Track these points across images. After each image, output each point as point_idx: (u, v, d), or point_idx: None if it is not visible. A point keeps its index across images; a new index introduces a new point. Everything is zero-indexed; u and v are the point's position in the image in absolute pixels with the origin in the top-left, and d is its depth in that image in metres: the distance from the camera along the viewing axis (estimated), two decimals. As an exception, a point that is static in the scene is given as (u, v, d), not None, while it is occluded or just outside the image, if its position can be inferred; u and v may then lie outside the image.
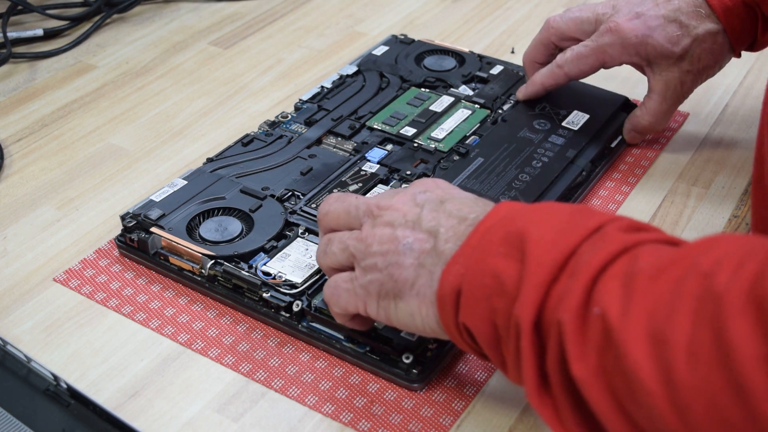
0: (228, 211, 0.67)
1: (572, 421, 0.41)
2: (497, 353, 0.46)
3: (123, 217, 0.66)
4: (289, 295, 0.60)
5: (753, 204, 0.61)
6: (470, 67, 0.85)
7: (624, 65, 0.74)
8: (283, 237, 0.65)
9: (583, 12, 0.73)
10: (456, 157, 0.72)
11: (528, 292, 0.42)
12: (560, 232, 0.43)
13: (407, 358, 0.55)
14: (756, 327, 0.34)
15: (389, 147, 0.75)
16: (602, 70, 0.74)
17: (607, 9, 0.72)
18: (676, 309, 0.36)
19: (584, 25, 0.73)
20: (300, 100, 0.81)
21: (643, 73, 0.74)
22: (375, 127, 0.77)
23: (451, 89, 0.82)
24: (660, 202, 0.71)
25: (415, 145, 0.74)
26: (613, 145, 0.76)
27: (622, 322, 0.38)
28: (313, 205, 0.67)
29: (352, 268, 0.53)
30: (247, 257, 0.62)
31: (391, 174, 0.71)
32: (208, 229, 0.65)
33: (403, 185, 0.69)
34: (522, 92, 0.78)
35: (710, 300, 0.36)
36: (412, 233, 0.50)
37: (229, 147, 0.75)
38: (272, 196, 0.68)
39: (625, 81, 0.85)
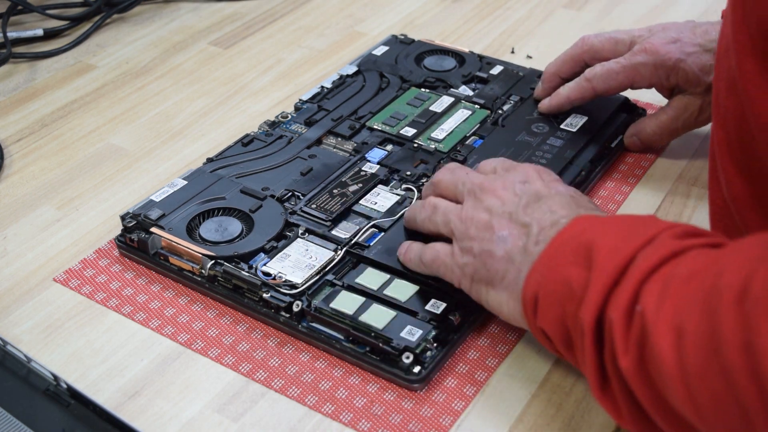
0: (228, 211, 0.67)
1: (629, 414, 0.45)
2: (571, 354, 0.50)
3: (123, 217, 0.66)
4: (289, 295, 0.60)
5: (710, 195, 0.61)
6: (470, 68, 0.85)
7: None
8: (283, 237, 0.65)
9: (619, 33, 0.73)
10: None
11: (591, 296, 0.46)
12: (622, 241, 0.47)
13: (407, 358, 0.55)
14: (738, 318, 0.38)
15: (389, 147, 0.75)
16: None
17: (644, 32, 0.72)
18: (694, 304, 0.41)
19: (619, 45, 0.72)
20: (300, 100, 0.81)
21: (667, 96, 0.74)
22: (375, 127, 0.77)
23: (451, 89, 0.82)
24: (660, 202, 0.72)
25: (415, 145, 0.74)
26: (612, 145, 0.76)
27: (655, 318, 0.42)
28: (313, 206, 0.67)
29: (446, 238, 0.58)
30: (247, 257, 0.63)
31: (391, 174, 0.71)
32: (208, 229, 0.65)
33: (404, 186, 0.70)
34: (545, 105, 0.76)
35: (715, 296, 0.40)
36: (508, 225, 0.55)
37: (229, 147, 0.75)
38: (272, 196, 0.68)
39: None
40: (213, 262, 0.62)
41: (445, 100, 0.80)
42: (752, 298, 0.38)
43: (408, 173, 0.71)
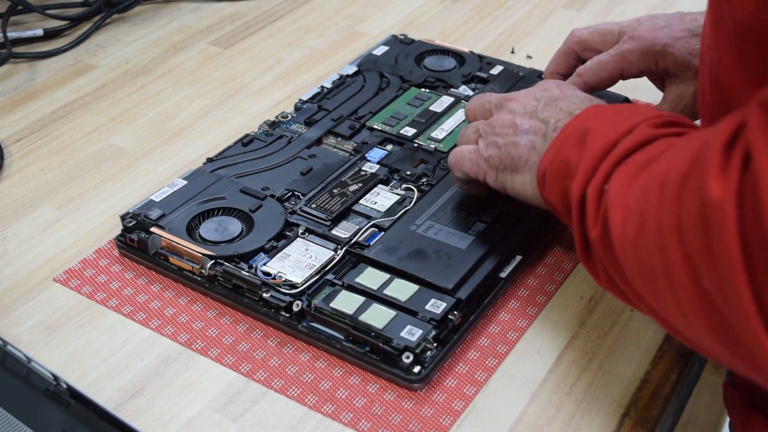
0: (228, 211, 0.67)
1: (604, 277, 0.52)
2: (571, 222, 0.55)
3: (123, 217, 0.66)
4: (289, 295, 0.60)
5: None
6: (470, 67, 0.85)
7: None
8: (283, 237, 0.65)
9: (608, 25, 0.74)
10: None
11: (579, 174, 0.52)
12: (611, 127, 0.53)
13: (407, 358, 0.55)
14: (659, 200, 0.44)
15: (389, 147, 0.75)
16: None
17: (632, 22, 0.72)
18: (640, 187, 0.47)
19: (608, 36, 0.73)
20: (300, 100, 0.81)
21: (660, 87, 0.74)
22: (375, 127, 0.77)
23: (451, 89, 0.82)
24: (660, 202, 0.71)
25: (415, 145, 0.74)
26: (613, 145, 0.76)
27: (615, 197, 0.48)
28: (313, 206, 0.67)
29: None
30: (247, 257, 0.63)
31: (392, 174, 0.71)
32: (208, 229, 0.65)
33: (404, 186, 0.70)
34: None
35: (651, 180, 0.46)
36: (529, 120, 0.61)
37: (229, 147, 0.75)
38: (272, 196, 0.68)
39: (625, 81, 0.85)
40: (213, 261, 0.62)
41: (445, 100, 0.80)
42: (668, 184, 0.43)
43: (408, 173, 0.71)
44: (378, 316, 0.57)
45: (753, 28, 0.46)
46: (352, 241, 0.64)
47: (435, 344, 0.57)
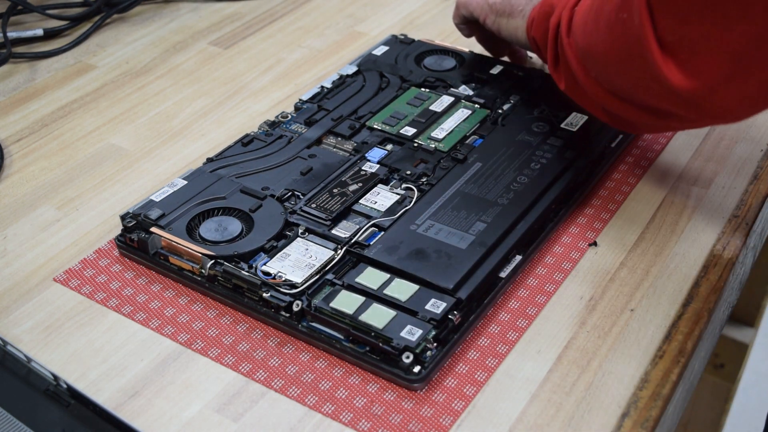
0: (228, 211, 0.67)
1: (565, 80, 0.68)
2: (545, 54, 0.70)
3: (123, 217, 0.66)
4: (289, 295, 0.60)
5: None
6: (470, 67, 0.85)
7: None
8: (283, 237, 0.65)
9: None
10: (455, 164, 0.72)
11: (559, 8, 0.67)
12: None
13: (407, 358, 0.55)
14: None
15: (389, 147, 0.75)
16: None
17: None
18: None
19: None
20: (300, 100, 0.81)
21: None
22: (375, 127, 0.77)
23: (451, 89, 0.82)
24: (660, 202, 0.72)
25: (415, 145, 0.74)
26: (613, 145, 0.76)
27: (578, 11, 0.64)
28: (313, 205, 0.67)
29: None
30: (247, 257, 0.63)
31: (391, 174, 0.71)
32: (208, 229, 0.65)
33: (404, 185, 0.70)
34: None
35: None
36: None
37: (229, 147, 0.75)
38: (272, 196, 0.68)
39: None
40: (213, 261, 0.62)
41: (445, 100, 0.80)
42: None
43: (408, 173, 0.71)
44: (378, 316, 0.57)
45: None
46: (352, 241, 0.64)
47: (435, 344, 0.57)
